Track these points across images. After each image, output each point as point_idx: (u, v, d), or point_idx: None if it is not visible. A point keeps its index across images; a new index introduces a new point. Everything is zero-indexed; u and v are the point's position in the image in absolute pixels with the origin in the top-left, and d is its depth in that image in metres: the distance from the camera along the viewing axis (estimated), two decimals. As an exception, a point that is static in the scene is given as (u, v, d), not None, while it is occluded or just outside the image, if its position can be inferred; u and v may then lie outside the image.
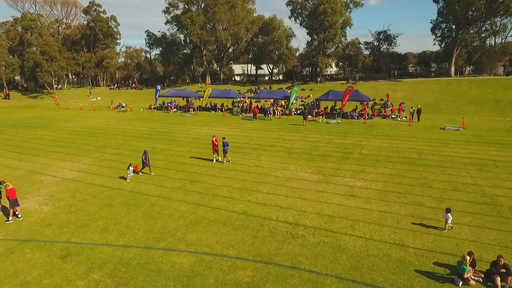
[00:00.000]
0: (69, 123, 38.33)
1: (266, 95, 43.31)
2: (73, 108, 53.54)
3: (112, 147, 25.47)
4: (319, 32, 61.34)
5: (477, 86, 46.25)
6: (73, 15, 78.05)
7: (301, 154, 22.10)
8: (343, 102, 35.54)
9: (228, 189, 16.22)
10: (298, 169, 19.13)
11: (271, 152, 22.84)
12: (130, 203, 14.87)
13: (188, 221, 13.01)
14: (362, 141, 25.22)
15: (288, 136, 27.64)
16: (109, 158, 22.43)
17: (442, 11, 55.42)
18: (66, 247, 11.40)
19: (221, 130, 31.22)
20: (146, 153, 18.59)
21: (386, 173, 17.98)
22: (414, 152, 21.82)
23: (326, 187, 16.10)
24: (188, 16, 60.73)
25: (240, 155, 22.30)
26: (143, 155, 18.55)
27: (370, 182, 16.70)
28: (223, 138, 20.04)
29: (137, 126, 34.39)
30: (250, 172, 18.68)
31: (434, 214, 13.05)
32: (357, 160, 20.36)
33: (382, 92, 48.59)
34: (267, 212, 13.64)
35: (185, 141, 27.02)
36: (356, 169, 18.67)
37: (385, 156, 21.09)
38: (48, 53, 57.96)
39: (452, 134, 27.12)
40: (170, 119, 39.20)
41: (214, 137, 20.41)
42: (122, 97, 59.91)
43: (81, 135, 30.75)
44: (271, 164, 20.06)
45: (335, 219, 12.84)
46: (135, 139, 28.24)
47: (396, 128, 30.29)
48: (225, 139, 19.94)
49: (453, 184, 16.16)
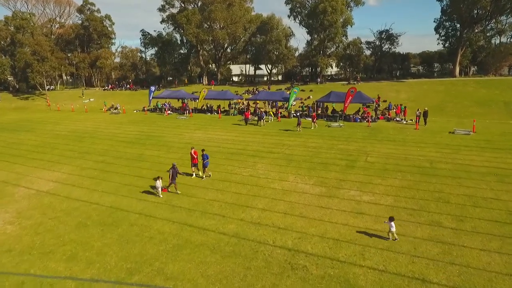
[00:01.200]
0: (57, 126, 36.45)
1: (264, 96, 41.45)
2: (64, 110, 51.62)
3: (97, 154, 23.61)
4: (319, 31, 59.58)
5: (484, 87, 44.48)
6: (66, 14, 76.14)
7: (301, 161, 20.27)
8: (345, 104, 33.72)
9: (219, 205, 14.38)
10: (298, 179, 17.30)
11: (268, 159, 21.00)
12: (106, 222, 13.02)
13: (171, 246, 11.16)
14: (367, 147, 23.39)
15: (287, 141, 25.81)
16: (91, 167, 20.57)
17: (446, 10, 53.70)
18: (21, 282, 9.55)
19: (216, 134, 29.40)
20: (175, 168, 15.48)
21: (396, 184, 16.15)
22: (425, 159, 20.00)
23: (330, 202, 14.27)
24: (184, 14, 58.87)
25: (235, 162, 20.46)
26: (171, 169, 15.45)
27: (379, 196, 14.87)
28: (203, 150, 17.56)
29: (127, 130, 32.52)
30: (245, 184, 16.84)
31: (456, 238, 11.23)
32: (363, 169, 18.53)
33: (385, 93, 46.84)
34: (262, 234, 11.81)
35: (176, 146, 25.17)
36: (363, 180, 16.84)
37: (394, 164, 19.25)
38: (39, 53, 56.01)
39: (463, 139, 25.31)
40: (163, 122, 37.34)
41: (192, 149, 17.82)
42: (116, 98, 58.01)
43: (67, 139, 28.89)
44: (268, 174, 18.23)
45: (342, 244, 11.00)
46: (123, 144, 26.38)
47: (402, 132, 28.47)
48: (204, 151, 17.48)
49: (472, 198, 14.33)
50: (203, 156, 17.25)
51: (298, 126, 29.58)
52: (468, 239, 11.08)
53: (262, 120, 33.16)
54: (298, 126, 29.54)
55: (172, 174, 15.35)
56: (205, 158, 17.28)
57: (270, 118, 35.34)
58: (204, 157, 17.26)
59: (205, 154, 17.33)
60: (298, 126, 29.56)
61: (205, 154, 17.29)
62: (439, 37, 56.98)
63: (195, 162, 17.54)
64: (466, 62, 55.61)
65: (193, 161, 17.54)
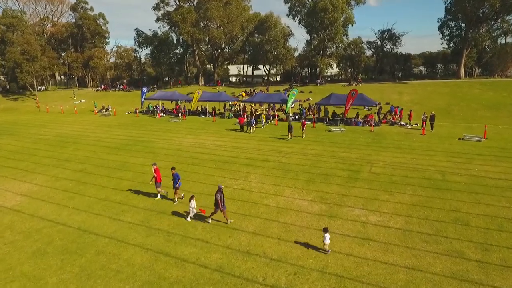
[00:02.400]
0: (42, 129, 34.49)
1: (261, 98, 39.48)
2: (54, 111, 49.62)
3: (77, 161, 21.67)
4: (319, 30, 57.72)
5: (491, 89, 42.63)
6: (59, 13, 74.05)
7: (299, 172, 18.34)
8: (346, 107, 31.80)
9: (204, 226, 12.46)
10: (295, 194, 15.38)
11: (263, 169, 19.07)
12: (69, 250, 11.09)
13: (139, 284, 9.23)
14: (371, 155, 21.47)
15: (285, 148, 23.88)
16: (67, 177, 18.63)
17: (450, 9, 51.82)
18: None
19: (208, 139, 27.47)
20: (221, 191, 12.33)
21: (406, 201, 14.23)
22: (435, 171, 18.08)
23: (331, 224, 12.35)
24: (179, 12, 56.88)
25: (226, 173, 18.53)
26: (218, 193, 12.23)
27: (387, 216, 12.95)
28: (173, 168, 14.48)
29: (114, 134, 30.57)
30: (235, 199, 14.91)
31: (483, 274, 9.32)
32: (368, 182, 16.61)
33: (387, 95, 45.00)
34: (251, 267, 9.88)
35: (164, 153, 23.23)
36: (368, 196, 14.92)
37: (401, 176, 17.34)
38: (29, 53, 53.97)
39: (474, 146, 23.40)
40: (154, 125, 35.39)
41: (154, 166, 14.93)
42: (108, 99, 56.09)
43: (48, 145, 26.95)
44: (262, 187, 16.30)
45: (347, 283, 9.08)
46: (107, 150, 24.45)
47: (408, 137, 26.56)
48: (175, 169, 14.40)
49: (495, 220, 12.42)
50: (174, 176, 14.16)
51: (289, 133, 26.33)
52: (499, 278, 9.17)
53: (252, 127, 29.70)
54: (290, 133, 26.31)
55: (220, 199, 12.15)
56: (176, 179, 14.18)
57: (263, 123, 32.28)
58: (175, 177, 14.16)
59: (176, 173, 14.24)
60: (289, 134, 26.33)
61: (176, 174, 14.20)
62: (442, 37, 55.17)
63: (158, 181, 14.77)
64: (471, 63, 53.72)
65: (157, 180, 14.76)
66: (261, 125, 32.10)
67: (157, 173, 14.81)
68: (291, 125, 26.39)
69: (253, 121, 30.05)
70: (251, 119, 30.34)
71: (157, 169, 14.88)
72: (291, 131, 26.34)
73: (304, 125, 27.30)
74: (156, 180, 14.82)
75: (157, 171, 14.83)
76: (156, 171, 14.79)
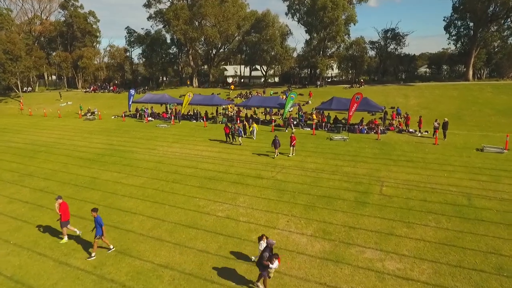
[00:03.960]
0: (17, 135, 31.55)
1: (257, 102, 36.54)
2: (37, 114, 46.59)
3: (40, 177, 18.78)
4: (319, 29, 54.97)
5: (503, 92, 39.87)
6: (48, 11, 70.95)
7: (297, 194, 15.47)
8: (350, 112, 28.97)
9: (172, 276, 9.61)
10: (292, 225, 12.53)
11: (254, 189, 16.19)
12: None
13: None
14: (380, 170, 18.59)
15: (281, 160, 21.00)
16: (23, 198, 15.77)
17: (458, 7, 49.01)
18: None
19: (196, 148, 24.59)
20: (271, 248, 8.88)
21: (429, 237, 11.38)
22: (458, 192, 15.22)
23: (337, 274, 9.50)
24: (171, 9, 53.94)
25: (211, 194, 15.66)
26: (265, 252, 8.71)
27: (409, 261, 10.09)
28: (94, 210, 10.59)
29: (93, 141, 27.66)
30: (218, 233, 12.04)
31: None
32: (379, 208, 13.75)
33: (392, 98, 42.22)
34: None
35: (144, 166, 20.33)
36: (381, 228, 12.08)
37: (419, 200, 14.48)
38: (12, 52, 50.99)
39: (497, 159, 20.54)
40: (139, 131, 32.45)
41: (59, 200, 11.63)
42: (96, 101, 53.18)
43: (17, 155, 24.05)
44: (252, 215, 13.44)
45: None
46: (80, 162, 21.54)
47: (419, 148, 23.69)
48: (96, 212, 10.58)
49: (550, 269, 9.57)
50: (96, 220, 10.55)
51: (275, 149, 21.53)
52: None
53: (237, 137, 25.56)
54: (275, 149, 21.52)
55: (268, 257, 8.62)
56: (98, 224, 10.54)
57: (254, 132, 27.73)
58: (97, 221, 10.54)
59: (98, 217, 10.55)
60: (275, 149, 21.54)
61: (97, 217, 10.54)
62: (449, 37, 52.37)
63: (63, 219, 11.63)
64: (481, 64, 50.91)
65: (61, 219, 11.64)
66: (253, 136, 27.58)
67: (62, 209, 11.57)
68: (277, 140, 21.43)
69: (240, 131, 25.57)
70: (238, 128, 25.90)
71: (62, 204, 11.64)
72: (277, 147, 21.43)
73: (294, 140, 21.58)
74: (61, 218, 11.59)
75: (62, 207, 11.59)
76: (61, 207, 11.57)
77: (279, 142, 21.59)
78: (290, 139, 21.81)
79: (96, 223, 10.54)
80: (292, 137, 21.77)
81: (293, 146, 21.73)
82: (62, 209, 11.57)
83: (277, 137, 21.68)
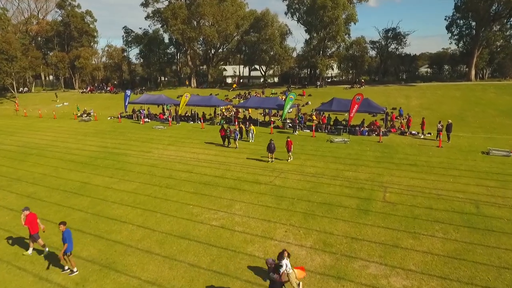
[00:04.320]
0: (9, 137, 30.80)
1: (256, 103, 35.77)
2: (32, 115, 45.84)
3: (29, 182, 18.02)
4: (318, 29, 54.15)
5: (507, 92, 39.14)
6: (44, 10, 70.12)
7: (296, 201, 14.71)
8: (351, 114, 28.21)
9: (159, 296, 8.83)
10: (290, 236, 11.77)
11: (251, 195, 15.44)
12: None
13: None
14: (382, 175, 17.84)
15: (279, 164, 20.24)
16: (8, 205, 15.02)
17: (460, 6, 48.26)
18: None
19: (192, 151, 23.83)
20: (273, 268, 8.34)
21: (437, 250, 10.62)
22: (466, 200, 14.47)
23: (339, 293, 8.74)
24: (169, 8, 53.15)
25: (205, 201, 14.90)
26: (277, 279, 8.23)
27: (416, 277, 9.33)
28: (62, 224, 9.62)
29: (87, 144, 26.90)
30: (211, 244, 11.29)
31: None
32: (383, 217, 12.99)
33: (393, 99, 41.49)
34: None
35: (137, 170, 19.58)
36: (385, 239, 11.32)
37: (425, 208, 13.72)
38: (7, 52, 50.22)
39: (504, 163, 19.79)
40: (134, 132, 31.68)
41: (26, 212, 10.70)
42: (93, 102, 52.40)
43: (7, 158, 23.30)
44: (248, 224, 12.68)
45: None
46: (71, 166, 20.78)
47: (423, 151, 22.94)
48: (65, 225, 9.62)
49: None
50: (63, 235, 9.50)
51: (270, 154, 20.38)
52: None
53: (233, 141, 24.66)
54: (271, 154, 20.38)
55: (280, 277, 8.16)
56: (65, 239, 9.44)
57: (251, 135, 26.48)
58: (64, 236, 9.47)
59: (67, 230, 9.59)
60: (270, 155, 20.44)
61: (66, 231, 9.53)
62: (451, 36, 51.64)
63: (32, 232, 10.75)
64: (483, 64, 50.15)
65: (30, 232, 10.78)
66: (250, 139, 26.58)
67: (28, 221, 10.66)
68: (272, 144, 20.24)
69: (236, 134, 24.48)
70: (234, 131, 24.85)
71: (29, 215, 10.70)
72: (272, 152, 20.31)
73: (291, 145, 20.55)
74: (30, 231, 10.76)
75: (28, 218, 10.67)
76: (27, 220, 10.66)
77: (274, 147, 20.49)
78: (287, 144, 20.60)
79: (66, 237, 9.47)
80: (288, 141, 20.62)
81: (290, 151, 20.69)
82: (28, 221, 10.66)
83: (272, 141, 20.53)
